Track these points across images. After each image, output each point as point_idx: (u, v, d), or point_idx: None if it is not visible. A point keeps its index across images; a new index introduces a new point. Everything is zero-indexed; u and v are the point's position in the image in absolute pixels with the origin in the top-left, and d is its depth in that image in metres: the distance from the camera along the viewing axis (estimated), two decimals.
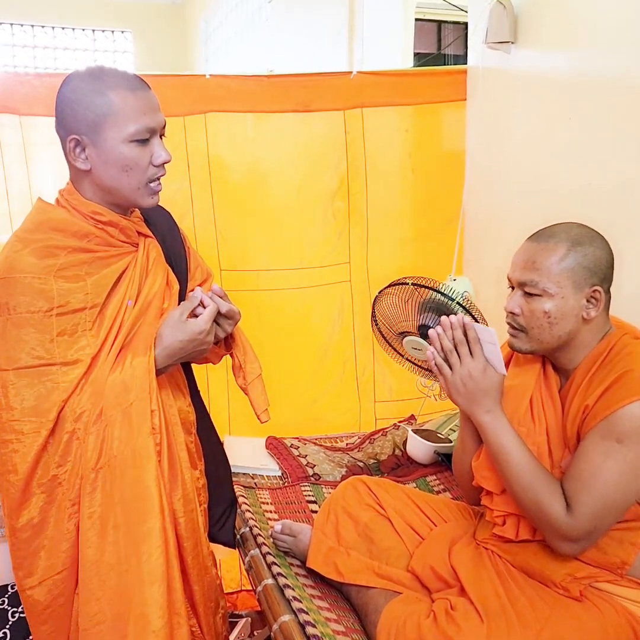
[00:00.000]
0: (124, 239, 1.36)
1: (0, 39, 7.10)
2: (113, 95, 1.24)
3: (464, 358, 1.28)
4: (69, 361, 1.26)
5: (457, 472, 1.50)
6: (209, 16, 6.54)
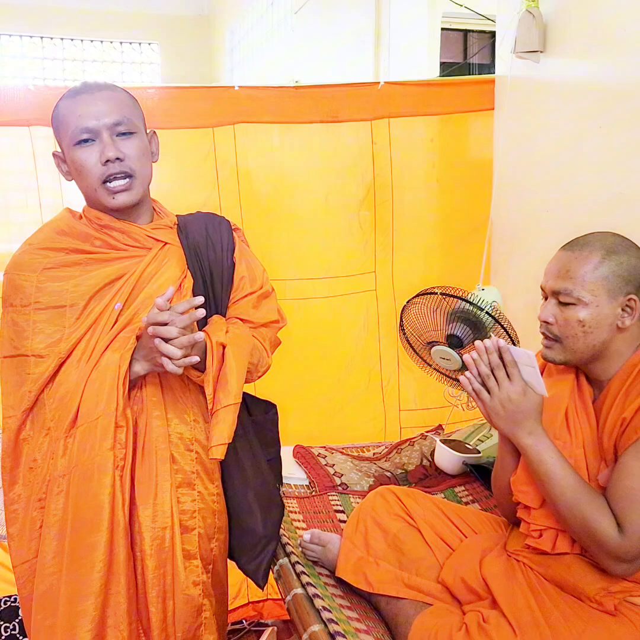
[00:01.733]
0: (132, 242, 1.39)
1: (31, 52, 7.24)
2: (60, 106, 1.34)
3: (502, 382, 1.26)
4: (41, 354, 1.33)
5: (496, 489, 1.48)
6: (234, 27, 6.61)
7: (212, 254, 1.46)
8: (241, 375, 1.35)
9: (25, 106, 2.12)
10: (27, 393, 1.32)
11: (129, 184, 1.33)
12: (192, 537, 1.38)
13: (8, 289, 1.36)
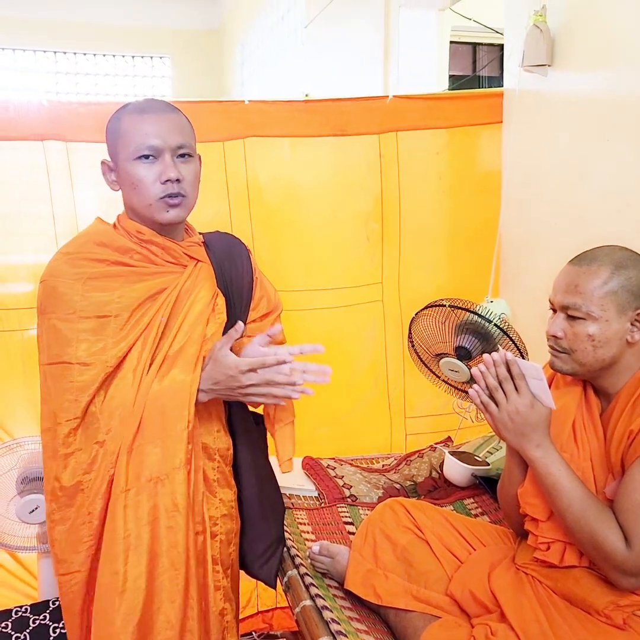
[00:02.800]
0: (170, 259, 1.42)
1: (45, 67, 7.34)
2: (124, 120, 1.37)
3: (509, 394, 1.26)
4: (86, 362, 1.33)
5: (503, 501, 1.48)
6: (245, 40, 6.67)
7: (234, 273, 1.51)
8: None
9: (39, 121, 2.15)
10: (73, 402, 1.32)
11: (181, 201, 1.38)
12: (215, 542, 1.41)
13: (49, 297, 1.36)
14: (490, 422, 1.30)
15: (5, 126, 2.10)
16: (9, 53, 7.26)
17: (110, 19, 7.18)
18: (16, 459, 1.99)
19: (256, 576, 1.56)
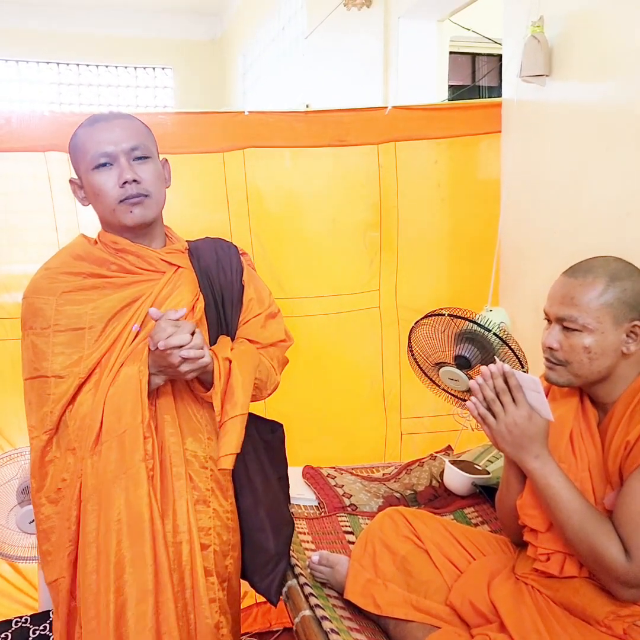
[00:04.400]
0: (146, 266, 1.44)
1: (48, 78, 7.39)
2: (79, 134, 1.41)
3: (507, 406, 1.27)
4: (61, 375, 1.36)
5: (501, 511, 1.49)
6: (246, 51, 6.70)
7: (222, 277, 1.51)
8: (247, 388, 1.39)
9: (40, 132, 2.17)
10: (49, 414, 1.35)
11: (143, 200, 1.39)
12: (208, 554, 1.40)
13: (27, 313, 1.40)
14: (489, 434, 1.30)
15: (8, 138, 2.12)
16: (13, 64, 7.31)
17: (112, 31, 7.23)
18: (17, 468, 1.99)
19: (257, 589, 1.55)
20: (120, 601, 1.28)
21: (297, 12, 5.04)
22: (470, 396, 1.31)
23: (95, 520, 1.32)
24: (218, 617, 1.40)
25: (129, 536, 1.30)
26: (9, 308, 2.18)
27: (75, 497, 1.35)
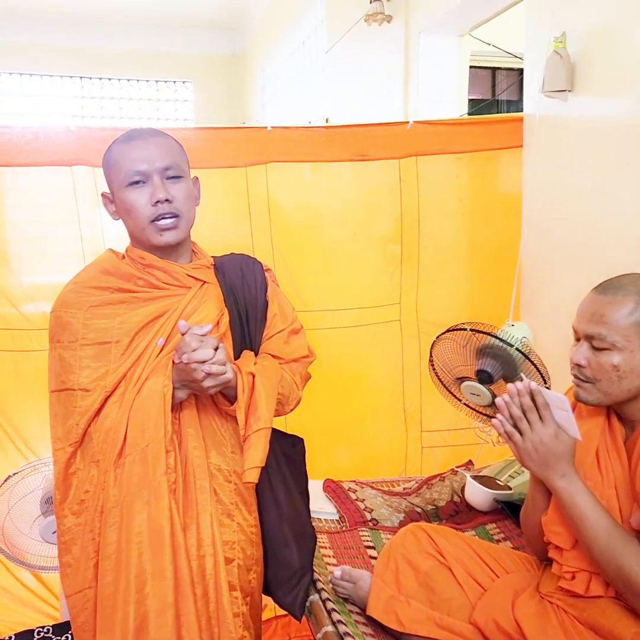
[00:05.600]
0: (172, 281, 1.45)
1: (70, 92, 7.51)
2: (114, 150, 1.42)
3: (534, 424, 1.26)
4: (87, 388, 1.37)
5: (526, 527, 1.47)
6: (266, 65, 6.76)
7: (247, 293, 1.52)
8: (271, 402, 1.40)
9: (67, 147, 2.20)
10: (75, 426, 1.37)
11: (175, 223, 1.40)
12: (232, 568, 1.40)
13: (55, 326, 1.42)
14: (515, 451, 1.29)
15: (35, 152, 2.16)
16: (37, 79, 7.44)
17: (134, 45, 7.35)
18: (41, 478, 2.01)
19: (281, 604, 1.55)
20: (141, 613, 1.29)
21: (317, 27, 5.08)
22: (497, 413, 1.30)
23: (116, 532, 1.33)
24: (242, 632, 1.39)
25: (150, 549, 1.30)
26: (34, 319, 2.21)
27: (99, 509, 1.36)
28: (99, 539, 1.36)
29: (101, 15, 6.93)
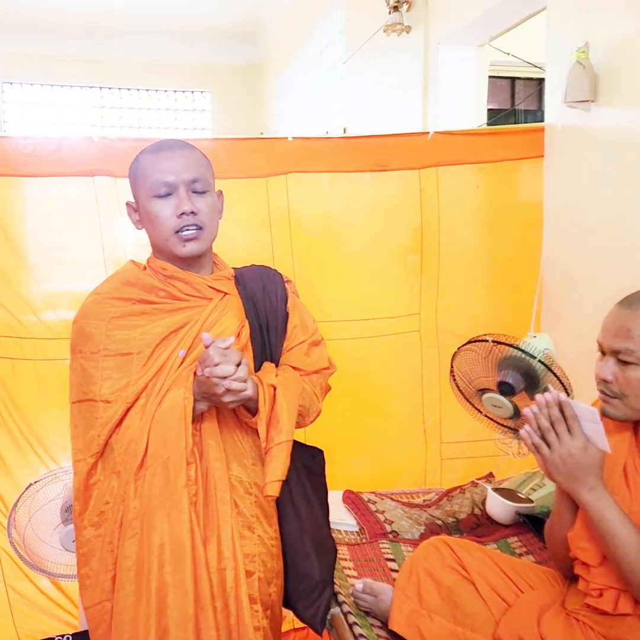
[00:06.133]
0: (194, 293, 1.45)
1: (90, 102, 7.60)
2: (141, 160, 1.43)
3: (562, 436, 1.25)
4: (109, 399, 1.37)
5: (551, 543, 1.46)
6: (283, 75, 6.81)
7: (267, 304, 1.52)
8: (292, 415, 1.39)
9: (89, 158, 2.22)
10: (96, 437, 1.36)
11: (198, 234, 1.41)
12: (252, 581, 1.39)
13: (77, 337, 1.42)
14: (542, 464, 1.28)
15: (59, 163, 2.18)
16: (58, 89, 7.53)
17: (153, 56, 7.43)
18: (61, 487, 2.02)
19: (301, 618, 1.53)
20: (162, 626, 1.29)
21: (335, 38, 5.11)
22: (516, 420, 1.29)
23: (135, 544, 1.32)
24: None
25: (171, 562, 1.30)
26: (56, 328, 2.22)
27: (118, 521, 1.36)
28: (117, 551, 1.35)
29: (120, 26, 7.03)
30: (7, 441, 2.20)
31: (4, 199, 2.21)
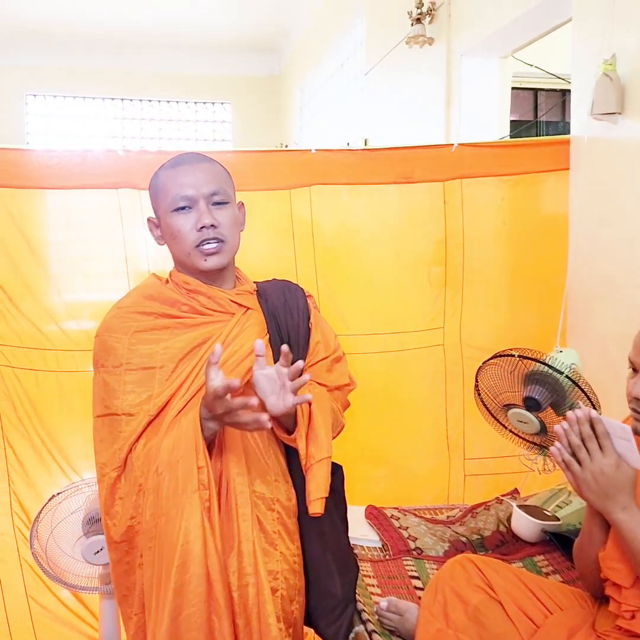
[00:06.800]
0: (216, 307, 1.44)
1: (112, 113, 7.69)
2: (161, 175, 1.43)
3: (593, 454, 1.22)
4: (131, 412, 1.36)
5: (580, 562, 1.43)
6: (304, 86, 6.84)
7: (289, 319, 1.51)
8: (328, 430, 1.38)
9: (113, 170, 2.23)
10: (119, 451, 1.36)
11: (219, 248, 1.40)
12: (275, 598, 1.37)
13: (99, 351, 1.42)
14: (572, 481, 1.26)
15: (83, 176, 2.19)
16: (80, 101, 7.63)
17: (174, 68, 7.51)
18: (83, 499, 2.02)
19: (323, 636, 1.51)
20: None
21: (356, 50, 5.12)
22: (543, 436, 1.27)
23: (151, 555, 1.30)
24: None
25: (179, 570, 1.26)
26: (77, 339, 2.23)
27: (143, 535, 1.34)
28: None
29: (142, 39, 7.12)
30: (30, 452, 2.21)
31: (28, 210, 2.23)
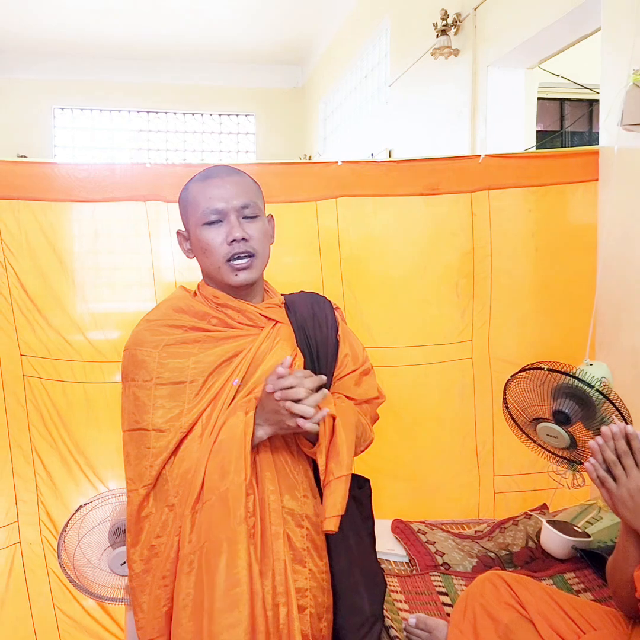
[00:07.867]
0: (246, 321, 1.43)
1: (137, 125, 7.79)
2: (191, 188, 1.42)
3: (629, 470, 1.20)
4: (162, 429, 1.34)
5: (614, 581, 1.40)
6: (328, 98, 6.87)
7: (318, 332, 1.50)
8: (351, 447, 1.36)
9: (142, 182, 2.26)
10: (148, 467, 1.34)
11: (250, 263, 1.39)
12: (304, 616, 1.34)
13: (129, 365, 1.40)
14: (607, 498, 1.23)
15: (112, 188, 2.22)
16: (106, 114, 7.75)
17: (199, 80, 7.61)
18: (110, 509, 2.03)
19: None
20: None
21: (380, 61, 5.13)
22: (572, 450, 1.25)
23: (192, 580, 1.28)
24: None
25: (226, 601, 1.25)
26: (105, 350, 2.24)
27: (172, 556, 1.32)
28: (172, 586, 1.31)
29: (166, 52, 7.22)
30: (58, 463, 2.23)
31: (58, 223, 2.26)
